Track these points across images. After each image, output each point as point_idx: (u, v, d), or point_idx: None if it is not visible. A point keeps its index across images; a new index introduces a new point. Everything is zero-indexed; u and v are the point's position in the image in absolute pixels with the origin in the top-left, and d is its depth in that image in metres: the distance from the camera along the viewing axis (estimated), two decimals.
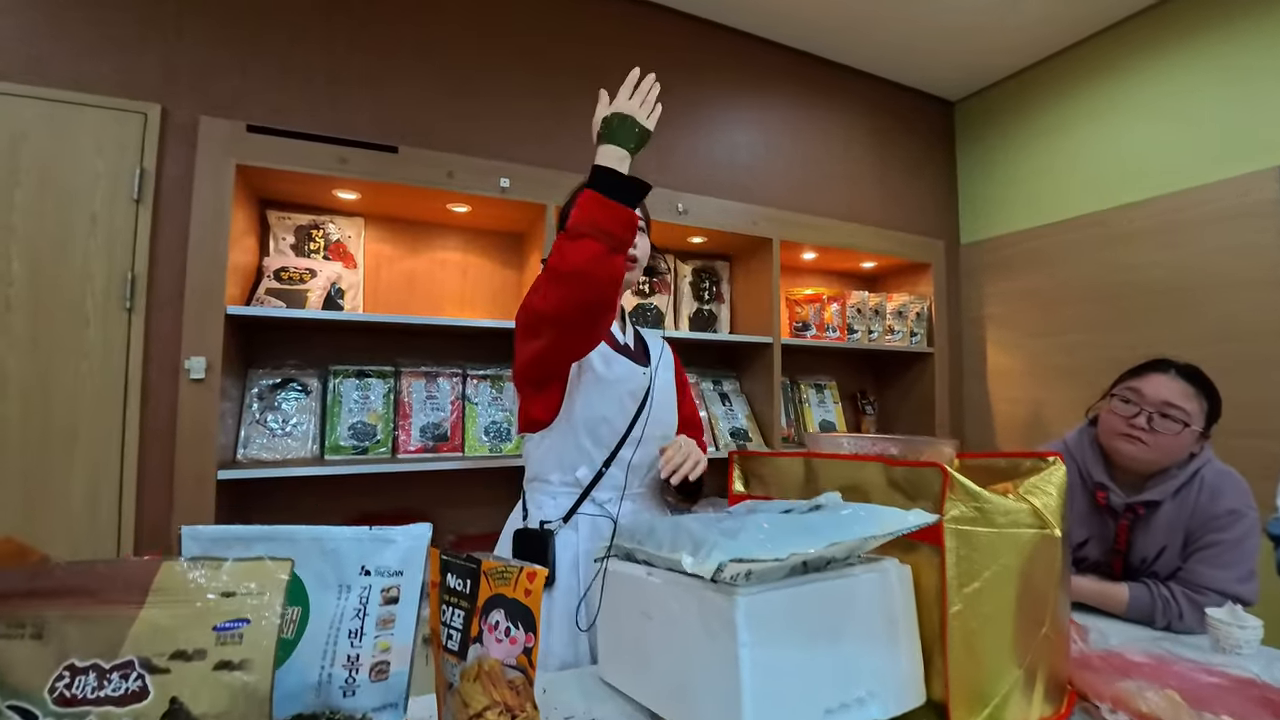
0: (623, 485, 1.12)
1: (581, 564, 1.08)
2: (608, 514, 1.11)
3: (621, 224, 0.91)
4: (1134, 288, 2.41)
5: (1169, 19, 2.36)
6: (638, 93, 0.98)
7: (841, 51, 2.81)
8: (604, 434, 1.11)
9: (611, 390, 1.11)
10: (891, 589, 0.72)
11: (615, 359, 1.14)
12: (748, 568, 0.59)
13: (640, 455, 1.13)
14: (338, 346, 1.98)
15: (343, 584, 0.58)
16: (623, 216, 0.91)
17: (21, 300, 1.53)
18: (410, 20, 2.08)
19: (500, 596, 0.66)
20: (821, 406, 2.64)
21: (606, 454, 1.11)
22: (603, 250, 0.89)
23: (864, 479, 0.85)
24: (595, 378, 1.10)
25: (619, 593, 0.83)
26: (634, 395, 1.13)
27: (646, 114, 0.97)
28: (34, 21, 1.62)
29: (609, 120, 0.96)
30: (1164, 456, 1.12)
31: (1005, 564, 0.72)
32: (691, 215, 2.20)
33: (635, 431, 1.12)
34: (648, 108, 0.98)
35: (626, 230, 0.91)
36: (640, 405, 1.13)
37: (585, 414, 1.10)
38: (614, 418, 1.11)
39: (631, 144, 0.95)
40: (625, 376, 1.13)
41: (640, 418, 1.13)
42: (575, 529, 1.10)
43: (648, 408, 1.13)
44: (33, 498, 1.53)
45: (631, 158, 0.95)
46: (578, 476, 1.11)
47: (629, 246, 0.93)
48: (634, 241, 0.95)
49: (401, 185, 1.82)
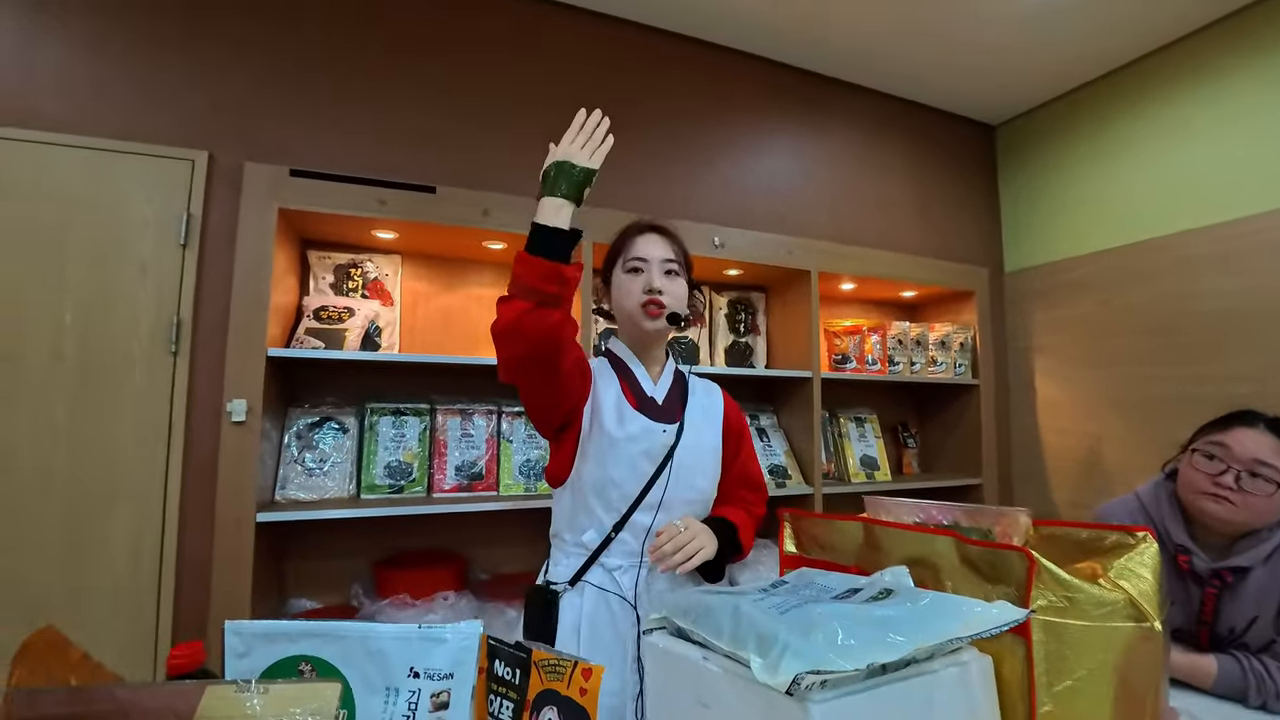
0: (637, 553, 1.07)
1: (583, 629, 1.03)
2: (617, 585, 1.05)
3: (543, 277, 0.88)
4: (1194, 317, 2.29)
5: (1226, 39, 2.27)
6: (581, 133, 0.95)
7: (877, 77, 2.77)
8: (613, 497, 1.05)
9: (622, 450, 1.05)
10: (973, 685, 0.66)
11: (631, 416, 1.08)
12: (822, 679, 0.54)
13: (661, 521, 1.06)
14: (375, 384, 1.98)
15: (390, 687, 0.54)
16: (543, 270, 0.88)
17: (72, 348, 1.56)
18: (448, 64, 2.10)
19: (553, 692, 0.63)
20: (862, 441, 2.56)
21: (616, 518, 1.05)
22: (528, 306, 0.88)
23: (933, 553, 0.79)
24: (605, 436, 1.05)
25: (670, 673, 0.78)
26: (650, 456, 1.07)
27: (589, 154, 0.94)
28: (88, 76, 1.68)
29: (546, 171, 0.94)
30: (1255, 518, 1.03)
31: (1100, 661, 0.65)
32: (727, 248, 2.17)
33: (651, 496, 1.06)
34: (592, 146, 0.95)
35: (548, 283, 0.88)
36: (659, 468, 1.07)
37: (593, 475, 1.05)
38: (624, 481, 1.05)
39: (569, 190, 0.92)
40: (639, 436, 1.06)
41: (657, 481, 1.06)
42: (581, 594, 1.05)
43: (668, 471, 1.07)
44: (77, 541, 1.55)
45: (575, 203, 0.93)
46: (583, 540, 1.07)
47: (559, 299, 0.90)
48: (566, 293, 0.91)
49: (439, 225, 1.82)
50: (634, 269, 1.12)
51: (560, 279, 0.89)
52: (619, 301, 1.14)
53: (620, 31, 2.37)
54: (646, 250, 1.12)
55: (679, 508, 1.09)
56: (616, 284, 1.15)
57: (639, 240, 1.14)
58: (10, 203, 1.54)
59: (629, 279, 1.12)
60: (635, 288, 1.11)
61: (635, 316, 1.11)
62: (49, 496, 1.52)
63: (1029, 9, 2.28)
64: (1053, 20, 2.34)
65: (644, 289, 1.10)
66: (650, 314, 1.09)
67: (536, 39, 2.23)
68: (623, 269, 1.14)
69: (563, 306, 0.92)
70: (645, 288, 1.10)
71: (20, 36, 1.63)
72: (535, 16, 2.24)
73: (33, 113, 1.60)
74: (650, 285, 1.10)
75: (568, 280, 0.90)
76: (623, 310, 1.14)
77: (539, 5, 2.25)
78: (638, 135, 2.35)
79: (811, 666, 0.53)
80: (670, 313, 1.10)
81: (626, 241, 1.16)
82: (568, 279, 0.90)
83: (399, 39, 2.04)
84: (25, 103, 1.60)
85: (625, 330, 1.17)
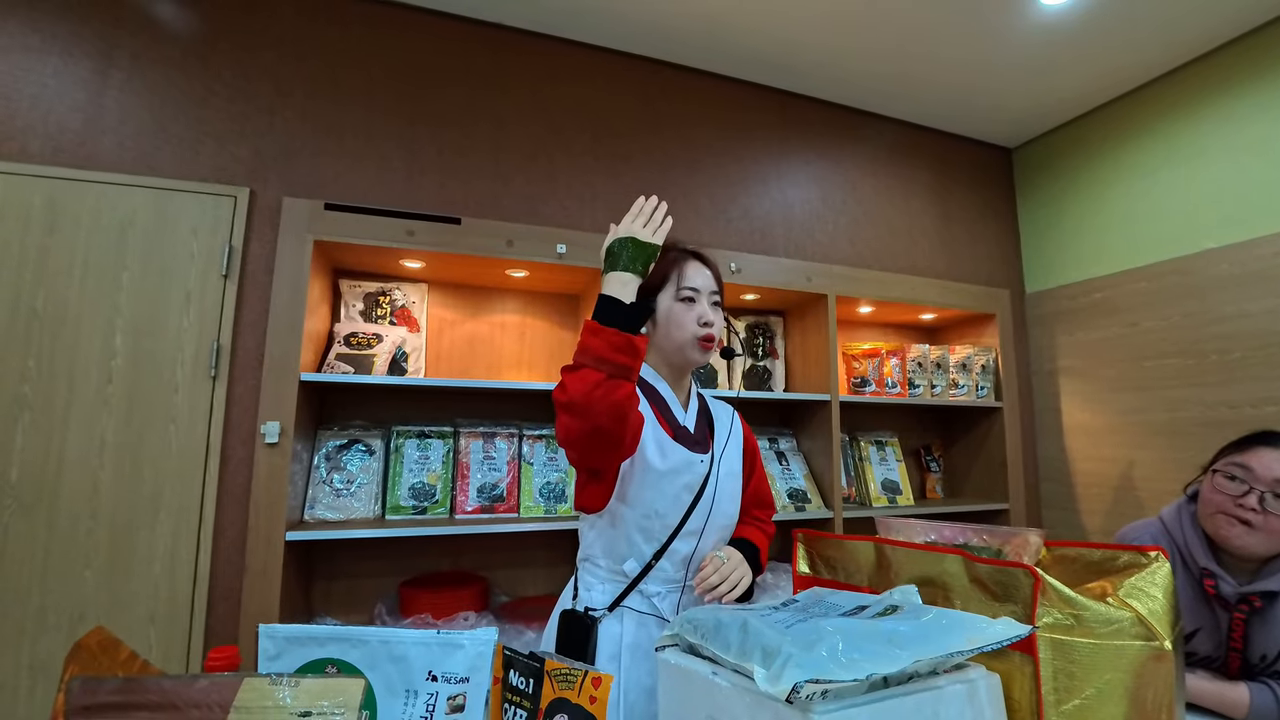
0: (678, 579, 1.08)
1: (624, 657, 1.02)
2: (656, 609, 1.06)
3: (616, 349, 0.90)
4: (1226, 339, 2.25)
5: (1246, 56, 2.27)
6: (642, 214, 1.00)
7: (893, 106, 2.82)
8: (655, 528, 1.06)
9: (666, 483, 1.05)
10: (980, 702, 0.66)
11: (671, 448, 1.07)
12: (824, 688, 0.55)
13: (701, 547, 1.08)
14: (401, 407, 2.05)
15: (410, 689, 0.57)
16: (617, 341, 0.90)
17: (122, 372, 1.66)
18: (473, 103, 2.21)
19: (564, 701, 0.65)
20: (884, 465, 2.53)
21: (657, 547, 1.06)
22: (600, 378, 0.89)
23: (943, 572, 0.80)
24: (647, 468, 1.05)
25: (681, 688, 0.80)
26: (690, 487, 1.07)
27: (652, 232, 0.99)
28: (144, 122, 1.81)
29: (610, 248, 0.98)
30: (1277, 541, 1.01)
31: (1110, 680, 0.65)
32: (745, 274, 2.21)
33: (691, 524, 1.07)
34: (653, 226, 1.00)
35: (621, 354, 0.90)
36: (696, 496, 1.08)
37: (636, 507, 1.05)
38: (667, 512, 1.06)
39: (636, 265, 0.97)
40: (681, 468, 1.07)
41: (696, 510, 1.07)
42: (620, 620, 1.05)
43: (706, 499, 1.08)
44: (119, 555, 1.62)
45: (641, 277, 0.98)
46: (624, 569, 1.07)
47: (630, 370, 0.91)
48: (637, 365, 0.93)
49: (464, 255, 1.90)
50: (687, 298, 1.10)
51: (633, 350, 0.91)
52: (670, 331, 1.11)
53: (640, 68, 2.46)
54: (699, 280, 1.12)
55: (714, 534, 1.10)
56: (666, 312, 1.11)
57: (690, 268, 1.12)
58: (71, 236, 1.66)
59: (682, 309, 1.10)
60: (689, 320, 1.10)
61: (687, 349, 1.10)
62: (96, 510, 1.60)
63: (1041, 35, 2.31)
64: (1064, 46, 2.36)
65: (700, 322, 1.09)
66: (704, 348, 1.10)
67: (560, 77, 2.33)
68: (674, 296, 1.11)
69: (632, 379, 0.92)
70: (700, 320, 1.09)
71: (90, 89, 1.77)
72: (558, 55, 2.34)
73: (93, 155, 1.73)
74: (705, 319, 1.10)
75: (639, 352, 0.92)
76: (672, 340, 1.11)
77: (562, 45, 2.35)
78: (659, 166, 2.42)
79: (812, 675, 0.54)
80: (726, 348, 1.12)
81: (676, 268, 1.12)
82: (640, 352, 0.92)
83: (427, 80, 2.15)
84: (87, 147, 1.73)
85: (668, 359, 1.14)
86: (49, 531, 1.58)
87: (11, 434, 1.58)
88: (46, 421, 1.60)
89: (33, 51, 1.73)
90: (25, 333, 1.61)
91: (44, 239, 1.64)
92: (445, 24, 2.20)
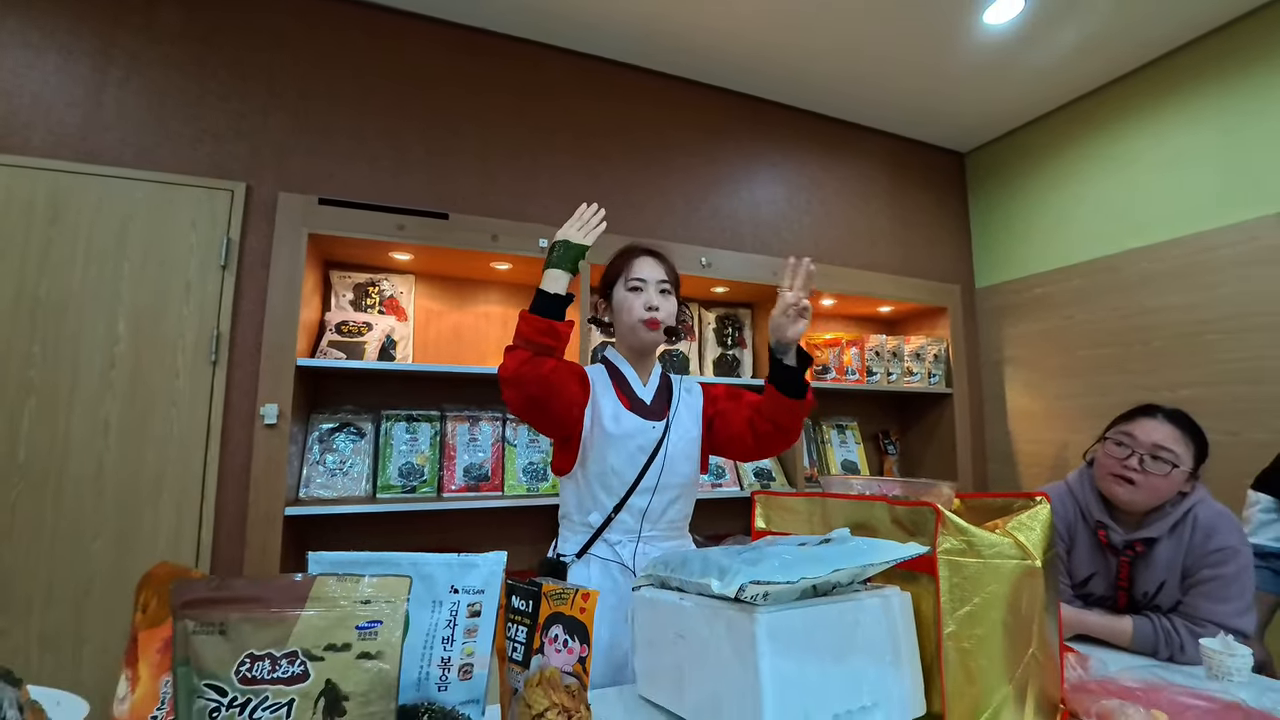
0: (635, 529, 1.24)
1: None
2: (618, 556, 1.23)
3: (539, 332, 1.09)
4: (1151, 331, 2.48)
5: (1169, 73, 2.50)
6: (577, 219, 1.18)
7: (856, 112, 3.00)
8: (613, 484, 1.23)
9: (620, 445, 1.23)
10: (894, 613, 0.83)
11: (625, 416, 1.25)
12: (765, 589, 0.71)
13: (654, 502, 1.25)
14: (390, 393, 2.16)
15: (436, 600, 0.71)
16: (540, 326, 1.09)
17: (124, 357, 1.74)
18: (461, 103, 2.32)
19: (559, 614, 0.79)
20: (844, 447, 2.72)
21: (616, 501, 1.23)
22: (528, 355, 1.08)
23: (871, 517, 0.96)
24: (604, 434, 1.23)
25: (655, 617, 0.95)
26: (643, 449, 1.24)
27: (584, 235, 1.17)
28: (143, 119, 1.89)
29: (551, 247, 1.17)
30: (1155, 496, 1.20)
31: (993, 591, 0.82)
32: (715, 268, 2.36)
33: (646, 481, 1.24)
34: (586, 229, 1.18)
35: (544, 336, 1.09)
36: (650, 458, 1.25)
37: (596, 466, 1.23)
38: (623, 469, 1.23)
39: (565, 262, 1.14)
40: (634, 432, 1.24)
41: (650, 469, 1.24)
42: (587, 565, 1.23)
43: (659, 460, 1.25)
44: (125, 532, 1.71)
45: (572, 272, 1.15)
46: (589, 520, 1.24)
47: (553, 350, 1.10)
48: (559, 345, 1.11)
49: (451, 249, 2.01)
50: (635, 288, 1.29)
51: (554, 334, 1.10)
52: (621, 316, 1.31)
53: (619, 74, 2.59)
54: (645, 272, 1.30)
55: (669, 491, 1.26)
56: (618, 301, 1.32)
57: (638, 262, 1.31)
58: (74, 228, 1.74)
59: (631, 296, 1.29)
60: (637, 305, 1.28)
61: (637, 330, 1.28)
62: (101, 489, 1.69)
63: (988, 49, 2.51)
64: (1008, 59, 2.57)
65: (644, 306, 1.27)
66: (650, 327, 1.28)
67: (543, 80, 2.45)
68: (624, 287, 1.30)
69: (555, 356, 1.11)
70: (645, 305, 1.27)
71: (89, 86, 1.84)
72: (541, 60, 2.46)
73: (94, 150, 1.81)
74: (650, 303, 1.28)
75: (560, 335, 1.11)
76: (624, 324, 1.31)
77: (545, 50, 2.47)
78: (634, 166, 2.56)
79: (754, 578, 0.70)
80: (667, 326, 1.30)
81: (627, 263, 1.32)
82: (560, 334, 1.11)
83: (416, 81, 2.26)
84: (87, 142, 1.81)
85: (624, 341, 1.34)
86: (56, 509, 1.67)
87: (19, 416, 1.65)
88: (52, 404, 1.68)
89: (32, 48, 1.80)
90: (30, 319, 1.69)
91: (47, 230, 1.72)
92: (433, 29, 2.30)
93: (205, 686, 0.57)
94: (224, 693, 0.57)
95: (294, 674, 0.57)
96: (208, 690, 0.57)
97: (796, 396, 1.20)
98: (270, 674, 0.57)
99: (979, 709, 0.80)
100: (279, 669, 0.57)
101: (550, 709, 0.76)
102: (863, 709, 0.76)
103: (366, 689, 0.57)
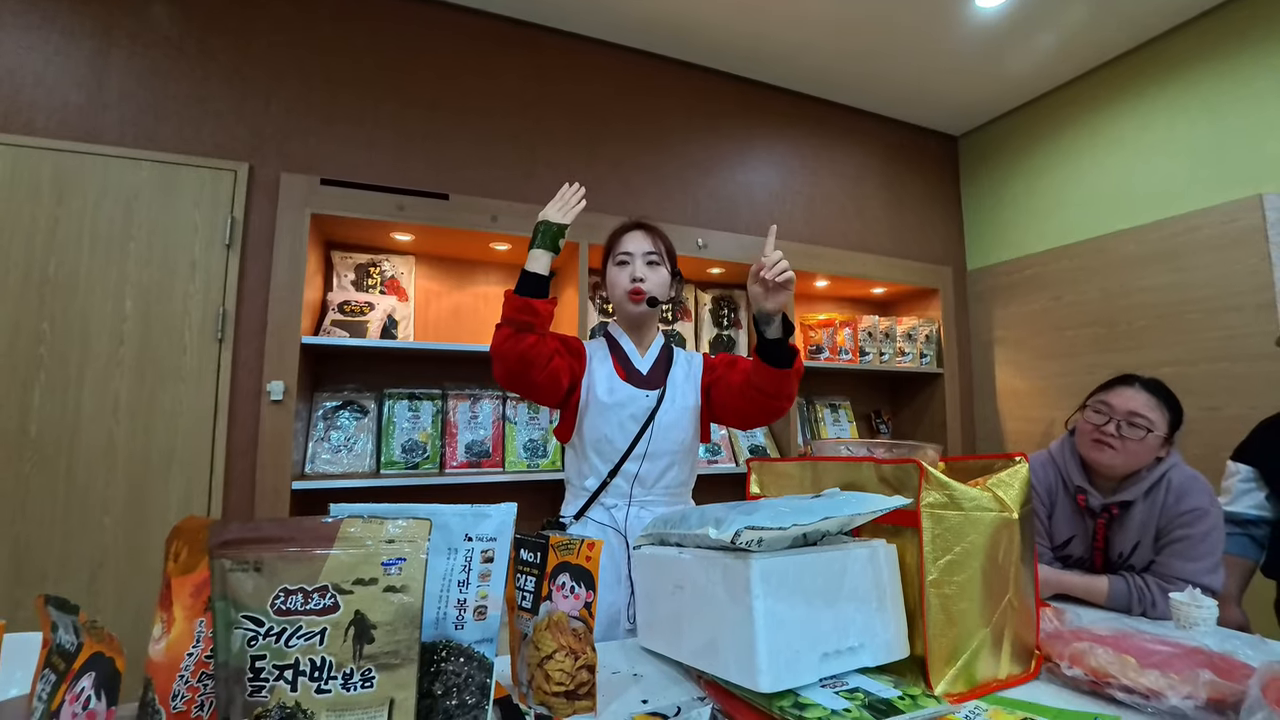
0: (628, 494, 1.30)
1: None
2: (613, 520, 1.29)
3: (519, 310, 1.14)
4: (1134, 310, 2.54)
5: (1153, 59, 2.54)
6: (557, 200, 1.22)
7: (850, 95, 3.03)
8: (607, 451, 1.29)
9: (613, 414, 1.28)
10: (879, 562, 0.88)
11: (619, 386, 1.31)
12: (759, 535, 0.76)
13: (646, 469, 1.30)
14: (392, 371, 2.20)
15: (452, 547, 0.76)
16: (519, 304, 1.14)
17: (132, 335, 1.77)
18: (462, 86, 2.34)
19: (566, 564, 0.85)
20: (836, 425, 2.78)
21: (611, 467, 1.29)
22: (509, 332, 1.14)
23: (860, 477, 1.01)
24: (598, 403, 1.29)
25: (655, 571, 1.00)
26: (635, 418, 1.29)
27: (563, 215, 1.20)
28: (147, 100, 1.91)
29: (535, 228, 1.20)
30: (1131, 460, 1.26)
31: (972, 541, 0.88)
32: (711, 249, 2.40)
33: (638, 449, 1.29)
34: (565, 209, 1.21)
35: (522, 314, 1.14)
36: (643, 426, 1.30)
37: (591, 434, 1.29)
38: (615, 437, 1.28)
39: (546, 241, 1.18)
40: (626, 401, 1.29)
41: (642, 437, 1.29)
42: (584, 528, 1.30)
43: (651, 428, 1.30)
44: (136, 507, 1.75)
45: (554, 251, 1.19)
46: (586, 485, 1.31)
47: (533, 326, 1.15)
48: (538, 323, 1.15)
49: (451, 229, 2.04)
50: (621, 262, 1.33)
51: (531, 310, 1.14)
52: (611, 291, 1.37)
53: (617, 57, 2.61)
54: (631, 245, 1.33)
55: (662, 458, 1.31)
56: (609, 277, 1.37)
57: (625, 237, 1.35)
58: (80, 207, 1.76)
59: (617, 271, 1.34)
60: (622, 279, 1.32)
61: (623, 303, 1.34)
62: (112, 464, 1.73)
63: (981, 33, 2.54)
64: (1001, 43, 2.60)
65: (630, 278, 1.31)
66: (634, 300, 1.32)
67: (542, 63, 2.47)
68: (613, 263, 1.35)
69: (536, 332, 1.16)
70: (630, 278, 1.31)
71: (91, 67, 1.85)
72: (540, 43, 2.48)
73: (98, 131, 1.82)
74: (634, 275, 1.31)
75: (538, 312, 1.15)
76: (613, 297, 1.36)
77: (544, 33, 2.49)
78: (632, 149, 2.58)
79: (748, 525, 0.75)
80: (650, 297, 1.33)
81: (616, 239, 1.37)
82: (538, 310, 1.15)
83: (417, 63, 2.27)
84: (92, 122, 1.82)
85: (619, 312, 1.39)
86: (68, 484, 1.71)
87: (30, 392, 1.69)
88: (62, 381, 1.72)
89: (34, 30, 1.81)
90: (39, 297, 1.72)
91: (54, 209, 1.74)
92: (433, 12, 2.32)
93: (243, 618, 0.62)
94: (260, 623, 0.62)
95: (325, 605, 0.62)
96: (245, 621, 0.62)
97: (783, 366, 1.24)
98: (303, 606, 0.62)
99: (958, 652, 0.86)
100: (311, 601, 0.62)
101: (559, 650, 0.81)
102: (850, 650, 0.81)
103: (393, 619, 0.62)
